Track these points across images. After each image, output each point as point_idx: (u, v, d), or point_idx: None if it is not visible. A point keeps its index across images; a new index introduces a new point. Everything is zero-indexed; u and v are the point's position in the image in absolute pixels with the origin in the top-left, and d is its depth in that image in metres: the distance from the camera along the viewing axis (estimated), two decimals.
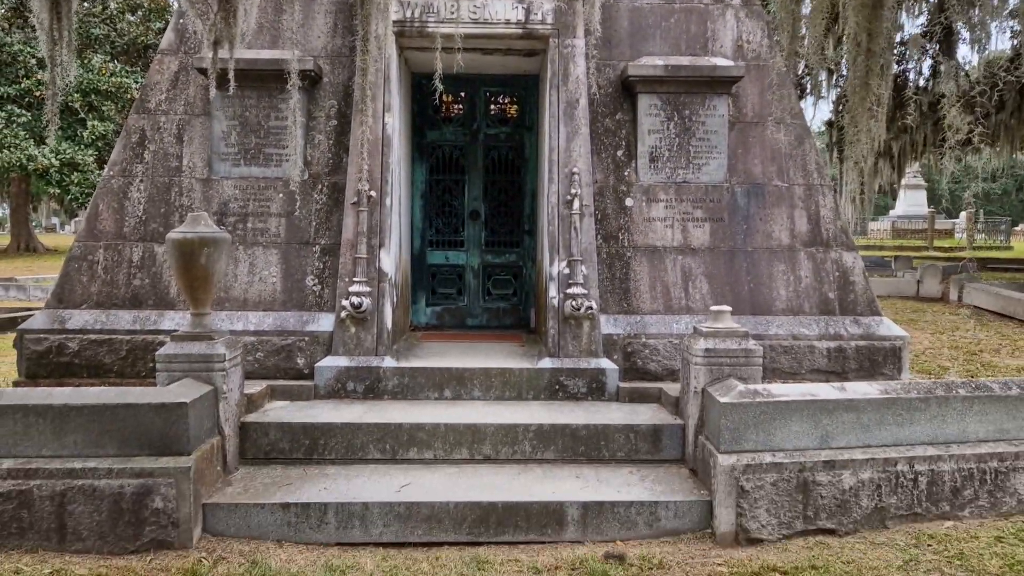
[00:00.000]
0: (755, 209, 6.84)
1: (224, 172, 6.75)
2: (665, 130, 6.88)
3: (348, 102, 6.81)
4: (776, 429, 4.77)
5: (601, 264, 6.67)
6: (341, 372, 6.13)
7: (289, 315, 6.46)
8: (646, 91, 6.85)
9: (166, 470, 4.51)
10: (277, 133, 6.74)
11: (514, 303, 8.56)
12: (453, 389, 6.17)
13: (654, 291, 6.65)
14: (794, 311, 6.61)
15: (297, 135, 6.54)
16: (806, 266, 6.73)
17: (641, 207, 6.83)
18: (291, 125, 5.85)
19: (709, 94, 6.87)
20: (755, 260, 6.73)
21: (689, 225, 6.81)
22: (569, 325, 6.32)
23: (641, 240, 6.77)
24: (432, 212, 8.55)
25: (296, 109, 5.76)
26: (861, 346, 6.42)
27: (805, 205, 6.86)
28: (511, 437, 5.44)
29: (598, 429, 5.47)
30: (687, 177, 6.89)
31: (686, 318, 6.53)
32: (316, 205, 6.74)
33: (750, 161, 6.95)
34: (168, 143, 6.79)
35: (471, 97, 8.52)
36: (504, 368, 6.20)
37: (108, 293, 6.48)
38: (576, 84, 6.67)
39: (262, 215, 6.68)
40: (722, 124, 6.90)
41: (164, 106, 6.86)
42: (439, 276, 8.56)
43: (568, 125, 6.61)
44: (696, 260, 6.73)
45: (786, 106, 7.06)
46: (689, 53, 7.09)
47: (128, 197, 6.68)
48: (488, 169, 8.55)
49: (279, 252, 6.63)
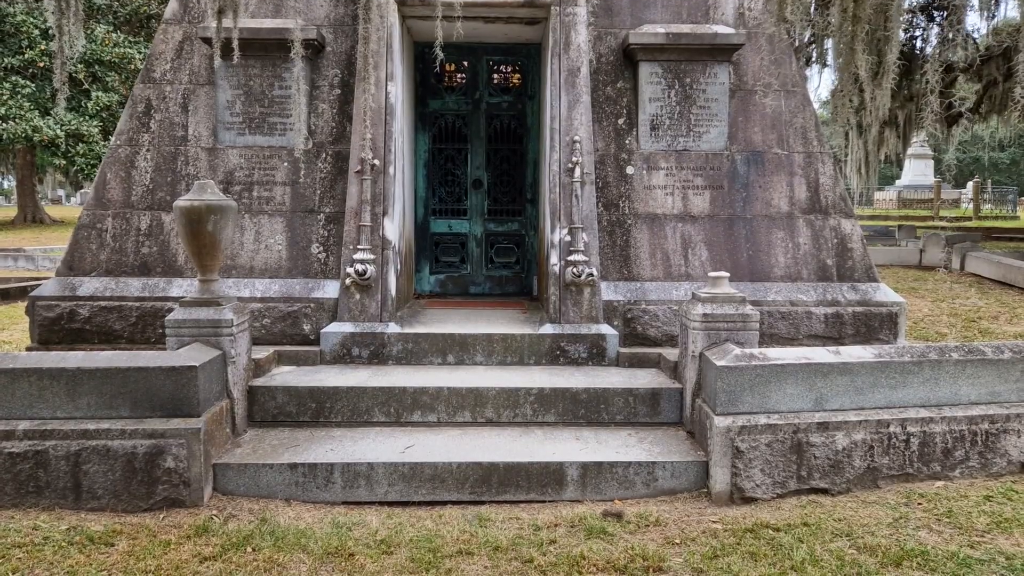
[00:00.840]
0: (755, 177, 6.88)
1: (229, 141, 6.81)
2: (666, 98, 6.90)
3: (351, 71, 6.84)
4: (771, 392, 4.87)
5: (602, 232, 6.73)
6: (346, 338, 6.24)
7: (295, 282, 6.55)
8: (647, 59, 6.86)
9: (177, 431, 4.63)
10: (281, 102, 6.78)
11: (516, 271, 8.64)
12: (456, 355, 6.28)
13: (654, 258, 6.71)
14: (792, 278, 6.68)
15: (301, 104, 6.58)
16: (805, 233, 6.79)
17: (642, 175, 6.88)
18: (295, 94, 5.86)
19: (710, 62, 6.87)
20: (754, 227, 6.79)
21: (689, 193, 6.85)
22: (570, 292, 6.40)
23: (642, 208, 6.82)
24: (435, 181, 8.60)
25: (299, 78, 5.78)
26: (858, 312, 6.49)
27: (804, 173, 6.90)
28: (512, 400, 5.56)
29: (598, 393, 5.58)
30: (688, 145, 6.92)
31: (686, 284, 6.61)
32: (320, 174, 6.80)
33: (750, 129, 6.97)
34: (174, 112, 6.84)
35: (473, 66, 8.52)
36: (506, 334, 6.30)
37: (117, 261, 6.58)
38: (577, 52, 6.68)
39: (267, 184, 6.75)
40: (723, 92, 6.91)
41: (169, 76, 6.90)
42: (442, 245, 8.63)
43: (569, 93, 6.63)
44: (696, 227, 6.79)
45: (787, 74, 7.06)
46: (691, 21, 7.07)
47: (135, 166, 6.74)
48: (490, 138, 8.59)
49: (284, 220, 6.71)
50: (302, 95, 6.31)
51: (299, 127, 6.63)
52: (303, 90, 6.71)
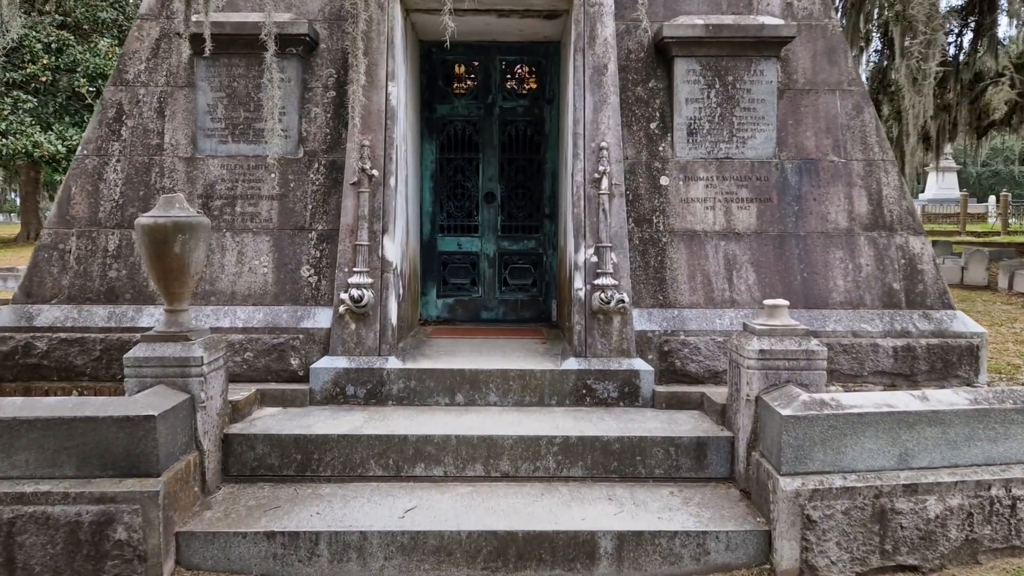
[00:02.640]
0: (808, 188, 6.14)
1: (210, 150, 6.15)
2: (705, 99, 6.19)
3: (348, 71, 6.16)
4: (847, 447, 4.11)
5: (633, 251, 6.01)
6: (339, 374, 5.53)
7: (282, 310, 5.85)
8: (683, 55, 6.16)
9: (131, 495, 3.93)
10: None
11: (533, 294, 7.92)
12: (466, 394, 5.56)
13: (693, 281, 5.98)
14: (854, 304, 5.92)
15: (273, 105, 5.92)
16: (867, 252, 6.03)
17: (678, 186, 6.15)
18: (269, 98, 5.17)
19: (755, 57, 6.17)
20: (808, 246, 6.04)
21: (733, 206, 6.12)
22: (597, 320, 5.67)
23: (678, 224, 6.10)
24: (443, 194, 7.91)
25: (273, 78, 5.12)
26: (932, 344, 5.72)
27: (865, 183, 6.16)
28: (532, 451, 4.82)
29: (633, 442, 4.83)
30: (730, 152, 6.20)
31: (730, 312, 5.86)
32: (312, 186, 6.12)
33: (802, 133, 6.25)
34: (148, 118, 6.19)
35: (485, 67, 7.85)
36: (524, 370, 5.57)
37: (81, 286, 5.91)
38: (604, 47, 5.98)
39: (252, 198, 6.08)
40: (770, 92, 6.19)
41: (144, 77, 6.26)
42: (451, 265, 7.93)
43: (595, 94, 5.93)
44: (741, 246, 6.05)
45: (842, 70, 6.34)
46: (731, 12, 6.38)
47: (103, 179, 6.09)
48: (504, 146, 7.89)
49: (271, 239, 6.03)
50: (272, 98, 5.56)
51: (274, 126, 5.96)
52: (294, 92, 6.07)
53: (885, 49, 20.18)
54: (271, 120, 5.31)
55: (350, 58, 5.44)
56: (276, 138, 5.49)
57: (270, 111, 5.21)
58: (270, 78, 5.18)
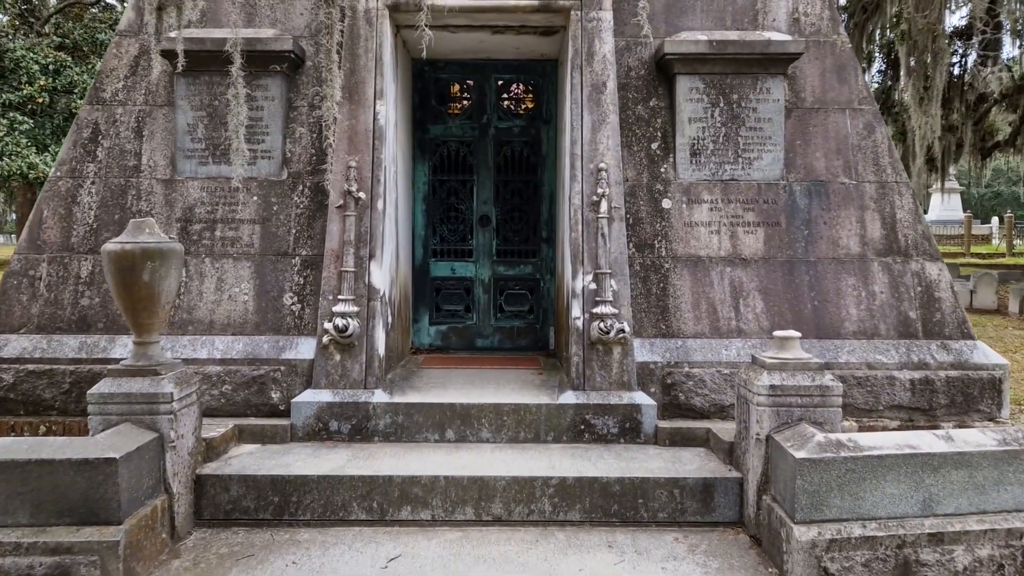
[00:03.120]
0: (818, 211, 5.89)
1: (190, 171, 5.91)
2: (709, 118, 5.96)
3: None
4: (867, 492, 3.82)
5: (634, 278, 5.75)
6: (323, 409, 5.25)
7: (263, 340, 5.58)
8: (686, 72, 5.94)
9: (88, 545, 3.65)
10: (251, 125, 5.89)
11: (530, 321, 7.65)
12: (457, 429, 5.27)
13: (698, 310, 5.71)
14: (868, 334, 5.65)
15: (273, 127, 5.70)
16: (881, 279, 5.77)
17: (681, 209, 5.91)
18: (235, 115, 4.93)
19: (762, 75, 5.94)
20: (819, 272, 5.78)
21: (739, 231, 5.87)
22: (596, 351, 5.40)
23: (681, 249, 5.84)
24: (436, 218, 7.66)
25: (239, 94, 4.88)
26: (952, 377, 5.44)
27: (878, 206, 5.91)
28: (527, 493, 4.53)
29: (634, 483, 4.54)
30: (735, 173, 5.95)
31: (737, 342, 5.59)
32: (296, 209, 5.88)
33: (811, 154, 6.01)
34: (125, 138, 5.96)
35: (480, 86, 7.64)
36: (518, 404, 5.29)
37: (51, 315, 5.64)
38: (603, 64, 5.76)
39: (233, 221, 5.83)
40: (777, 111, 5.97)
41: (122, 96, 6.03)
42: (444, 291, 7.66)
43: (594, 113, 5.70)
44: (748, 272, 5.79)
45: (852, 88, 6.12)
46: (735, 28, 6.17)
47: (77, 202, 5.85)
48: (500, 168, 7.66)
49: (252, 265, 5.77)
50: (237, 115, 5.33)
51: (270, 154, 5.73)
52: (278, 112, 5.84)
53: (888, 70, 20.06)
54: (236, 139, 5.07)
55: (324, 72, 5.22)
56: (241, 158, 5.25)
57: (235, 129, 4.98)
58: (235, 93, 4.95)
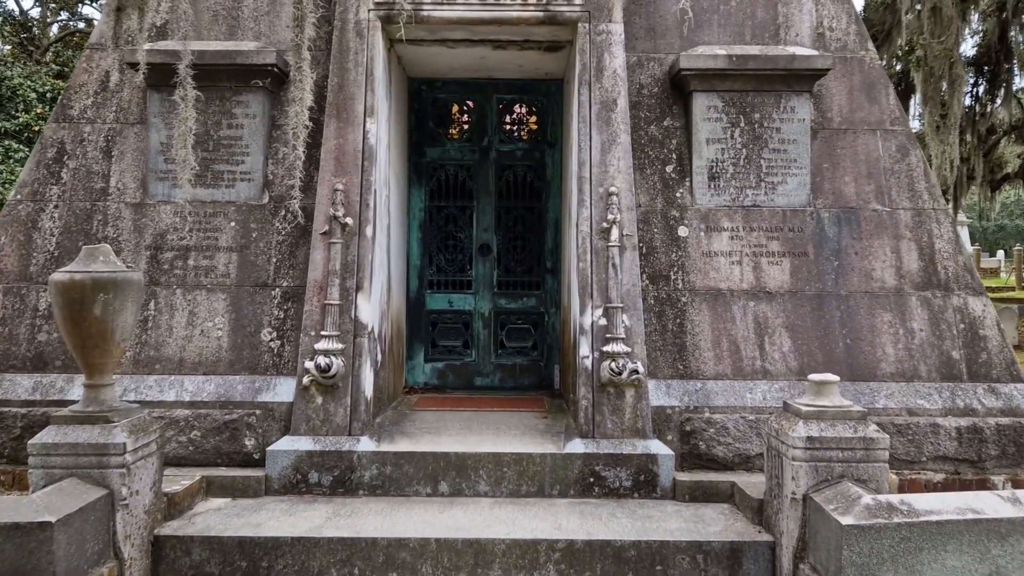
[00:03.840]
0: (849, 240, 5.45)
1: (162, 195, 5.49)
2: (729, 139, 5.54)
3: (323, 107, 5.54)
4: (924, 564, 3.33)
5: (648, 312, 5.29)
6: (301, 458, 4.76)
7: (237, 380, 5.11)
8: (703, 89, 5.54)
9: None
10: (230, 145, 5.49)
11: (533, 359, 7.17)
12: (452, 482, 4.78)
13: (719, 348, 5.24)
14: (907, 376, 5.17)
15: (254, 146, 5.30)
16: (920, 316, 5.31)
17: (699, 238, 5.47)
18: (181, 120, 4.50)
19: (785, 92, 5.54)
20: (851, 308, 5.32)
21: (763, 261, 5.42)
22: (607, 394, 4.93)
23: (700, 281, 5.39)
24: (432, 246, 7.22)
25: (188, 96, 4.46)
26: (1003, 424, 4.95)
27: (914, 235, 5.46)
28: (530, 559, 4.03)
29: (652, 547, 4.04)
30: (758, 199, 5.52)
31: (763, 385, 5.12)
32: (278, 236, 5.44)
33: (839, 178, 5.58)
34: (93, 159, 5.55)
35: (480, 106, 7.24)
36: (520, 453, 4.80)
37: (4, 351, 5.18)
38: (613, 80, 5.36)
39: (208, 249, 5.39)
40: (802, 131, 5.55)
41: (90, 113, 5.64)
42: (441, 325, 7.20)
43: (603, 132, 5.29)
44: (773, 307, 5.33)
45: (883, 108, 5.71)
46: (755, 43, 5.78)
47: (38, 227, 5.42)
48: (501, 194, 7.24)
49: (228, 297, 5.32)
50: (185, 120, 4.89)
51: (250, 176, 5.32)
52: (260, 131, 5.44)
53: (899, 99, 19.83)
54: (182, 150, 4.64)
55: (293, 72, 4.79)
56: (187, 172, 4.81)
57: (181, 137, 4.56)
58: (183, 95, 4.53)
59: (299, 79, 4.68)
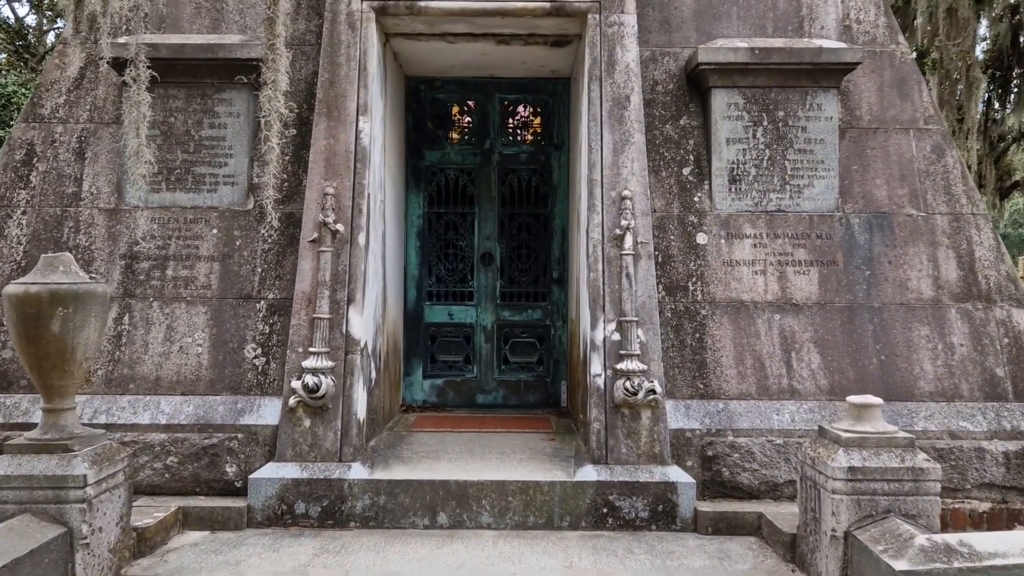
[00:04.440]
0: (881, 248, 5.09)
1: (139, 200, 5.15)
2: (751, 138, 5.19)
3: (313, 106, 5.20)
4: None
5: (665, 326, 4.93)
6: (287, 487, 4.40)
7: (218, 401, 4.75)
8: (723, 85, 5.19)
9: None
10: (212, 146, 5.16)
11: (539, 374, 6.80)
12: (451, 513, 4.41)
13: (742, 365, 4.87)
14: (947, 395, 4.80)
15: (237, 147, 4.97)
16: (960, 329, 4.94)
17: (719, 245, 5.11)
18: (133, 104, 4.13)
19: (812, 88, 5.20)
20: (885, 321, 4.96)
21: (788, 270, 5.06)
22: (622, 416, 4.56)
23: (721, 292, 5.03)
24: (432, 255, 6.86)
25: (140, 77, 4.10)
26: None
27: (952, 242, 5.10)
28: None
29: None
30: (782, 203, 5.17)
31: (790, 405, 4.75)
32: (264, 244, 5.09)
33: (870, 181, 5.23)
34: (65, 161, 5.21)
35: (482, 107, 6.90)
36: (527, 481, 4.43)
37: None
38: (626, 75, 5.02)
39: (188, 259, 5.04)
40: (830, 130, 5.21)
41: (63, 112, 5.30)
42: (441, 339, 6.83)
43: (616, 132, 4.94)
44: (801, 320, 4.96)
45: (916, 105, 5.37)
46: (778, 36, 5.44)
47: (4, 235, 5.08)
48: (505, 199, 6.88)
49: (209, 310, 4.96)
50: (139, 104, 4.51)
51: (233, 179, 4.98)
52: (243, 130, 5.10)
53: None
54: (135, 139, 4.28)
55: (265, 51, 4.41)
56: (141, 164, 4.43)
57: (134, 123, 4.20)
58: (135, 76, 4.16)
59: (272, 59, 4.30)
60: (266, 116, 4.24)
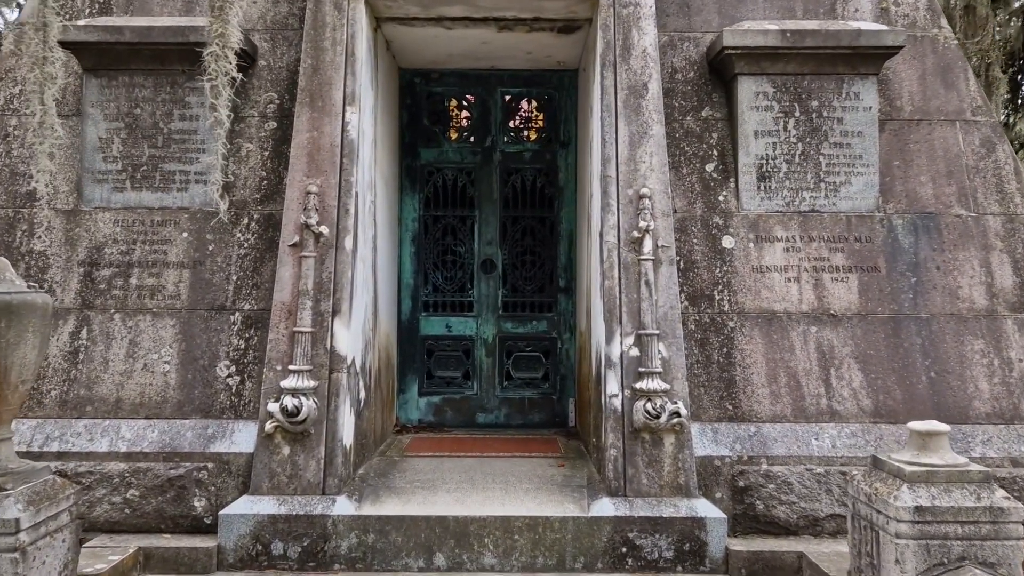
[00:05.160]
0: (927, 252, 4.63)
1: (100, 200, 4.69)
2: (781, 131, 4.74)
3: (295, 95, 4.74)
4: None
5: (688, 340, 4.46)
6: (263, 524, 3.91)
7: (186, 426, 4.27)
8: (751, 72, 4.74)
9: None
10: (183, 140, 4.70)
11: (544, 391, 6.33)
12: (450, 553, 3.93)
13: (775, 384, 4.40)
14: (1006, 416, 4.34)
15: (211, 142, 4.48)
16: (1017, 343, 4.48)
17: (747, 250, 4.65)
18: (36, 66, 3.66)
19: (849, 76, 4.75)
20: (934, 333, 4.49)
21: (825, 278, 4.60)
22: (642, 442, 4.09)
23: (750, 301, 4.56)
24: (428, 262, 6.40)
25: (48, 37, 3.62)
26: None
27: (1007, 245, 4.65)
28: None
29: None
30: (817, 203, 4.71)
31: (831, 429, 4.28)
32: (240, 250, 4.63)
33: (913, 178, 4.77)
34: (19, 157, 4.75)
35: (483, 101, 6.45)
36: (535, 517, 3.96)
37: None
38: (643, 61, 4.57)
39: (154, 265, 4.58)
40: (868, 122, 4.76)
41: (17, 103, 4.85)
42: (438, 353, 6.36)
43: (632, 123, 4.49)
44: (840, 333, 4.50)
45: (962, 95, 4.93)
46: (808, 19, 5.00)
47: None
48: (507, 201, 6.43)
49: (178, 323, 4.49)
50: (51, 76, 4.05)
51: (206, 177, 4.51)
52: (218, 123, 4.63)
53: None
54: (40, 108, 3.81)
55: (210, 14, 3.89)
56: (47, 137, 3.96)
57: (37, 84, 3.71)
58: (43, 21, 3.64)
59: (219, 5, 3.79)
60: (212, 80, 3.75)
